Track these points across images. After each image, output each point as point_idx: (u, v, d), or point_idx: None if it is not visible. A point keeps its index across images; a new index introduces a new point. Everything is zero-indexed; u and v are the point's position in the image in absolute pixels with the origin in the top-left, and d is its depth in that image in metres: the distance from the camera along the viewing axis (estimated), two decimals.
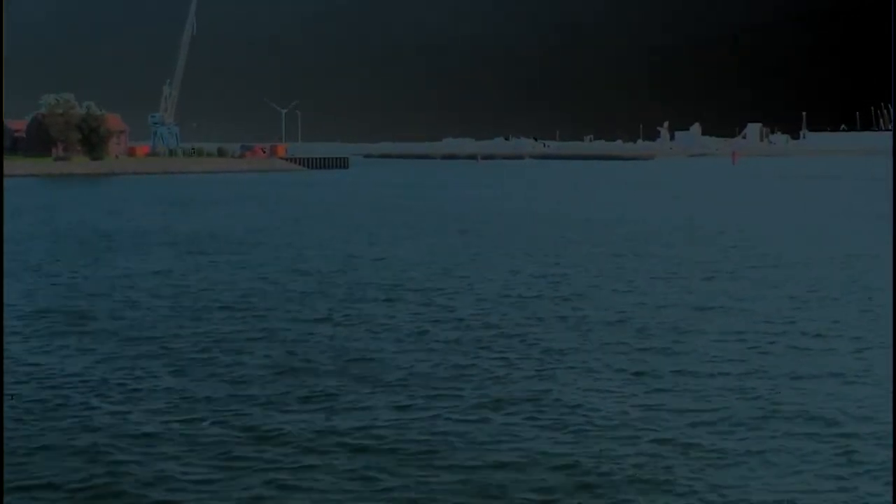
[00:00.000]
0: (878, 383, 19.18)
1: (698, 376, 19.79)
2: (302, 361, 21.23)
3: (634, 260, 39.71)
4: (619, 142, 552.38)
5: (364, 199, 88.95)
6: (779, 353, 21.96)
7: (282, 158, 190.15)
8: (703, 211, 70.75)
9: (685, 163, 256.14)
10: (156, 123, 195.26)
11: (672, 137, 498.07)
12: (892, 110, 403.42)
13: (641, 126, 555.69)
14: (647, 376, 19.84)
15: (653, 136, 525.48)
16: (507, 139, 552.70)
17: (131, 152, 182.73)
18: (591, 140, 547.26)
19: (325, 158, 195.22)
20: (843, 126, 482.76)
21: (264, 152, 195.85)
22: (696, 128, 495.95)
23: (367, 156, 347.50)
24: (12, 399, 17.82)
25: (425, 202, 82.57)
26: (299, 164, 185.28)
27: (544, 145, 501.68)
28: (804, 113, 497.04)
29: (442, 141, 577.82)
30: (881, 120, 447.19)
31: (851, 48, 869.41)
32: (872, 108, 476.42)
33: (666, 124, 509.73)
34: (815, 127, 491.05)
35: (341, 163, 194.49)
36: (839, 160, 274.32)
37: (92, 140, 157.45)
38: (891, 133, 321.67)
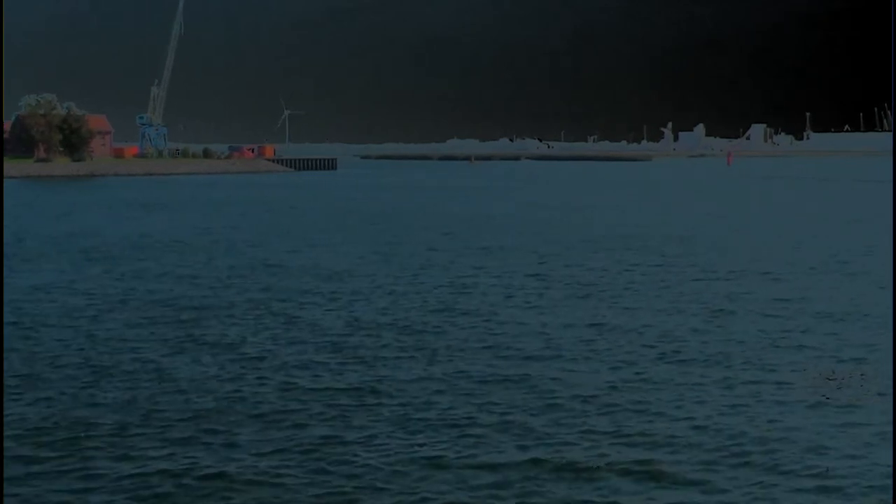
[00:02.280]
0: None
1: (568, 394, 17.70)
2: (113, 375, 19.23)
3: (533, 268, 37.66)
4: (624, 142, 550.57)
5: (323, 202, 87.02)
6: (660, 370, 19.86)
7: (269, 160, 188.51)
8: (648, 214, 68.65)
9: (681, 164, 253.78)
10: (144, 124, 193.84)
11: (676, 138, 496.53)
12: (892, 113, 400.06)
13: (646, 127, 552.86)
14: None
15: (657, 137, 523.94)
16: (511, 140, 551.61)
17: (117, 153, 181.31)
18: (594, 141, 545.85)
19: (312, 159, 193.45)
20: (846, 127, 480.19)
21: (252, 153, 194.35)
22: (699, 129, 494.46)
23: (365, 157, 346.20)
24: None
25: (383, 204, 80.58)
26: (286, 165, 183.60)
27: (548, 146, 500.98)
28: (808, 114, 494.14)
29: (447, 142, 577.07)
30: (884, 121, 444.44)
31: (856, 49, 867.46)
32: (876, 108, 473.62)
33: (670, 125, 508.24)
34: (819, 128, 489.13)
35: (329, 164, 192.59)
36: (841, 161, 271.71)
37: (73, 141, 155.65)
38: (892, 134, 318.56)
